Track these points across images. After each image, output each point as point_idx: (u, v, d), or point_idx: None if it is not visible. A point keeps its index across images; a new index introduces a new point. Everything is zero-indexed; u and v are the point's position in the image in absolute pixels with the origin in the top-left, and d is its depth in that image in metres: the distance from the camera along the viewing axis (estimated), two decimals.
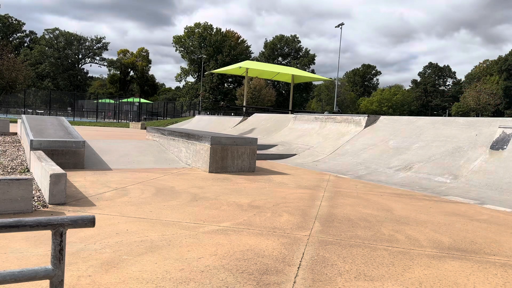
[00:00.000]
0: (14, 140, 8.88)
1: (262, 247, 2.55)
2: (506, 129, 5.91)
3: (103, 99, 47.45)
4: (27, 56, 64.87)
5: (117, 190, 4.14)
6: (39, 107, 43.91)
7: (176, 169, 6.05)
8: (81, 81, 72.64)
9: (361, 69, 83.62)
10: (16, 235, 2.50)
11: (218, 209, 3.57)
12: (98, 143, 7.36)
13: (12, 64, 31.46)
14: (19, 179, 3.04)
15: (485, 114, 54.65)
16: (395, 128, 8.14)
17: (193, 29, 67.85)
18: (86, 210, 3.25)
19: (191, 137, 6.49)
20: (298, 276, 2.11)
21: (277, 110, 23.76)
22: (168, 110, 39.26)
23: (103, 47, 74.95)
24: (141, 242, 2.52)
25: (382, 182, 5.68)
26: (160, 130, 8.30)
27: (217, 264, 2.22)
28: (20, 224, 1.15)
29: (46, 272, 1.19)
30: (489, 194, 4.80)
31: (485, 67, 68.42)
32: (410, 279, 2.15)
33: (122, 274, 2.01)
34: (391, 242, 2.82)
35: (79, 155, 5.57)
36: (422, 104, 75.98)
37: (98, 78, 79.43)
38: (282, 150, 8.90)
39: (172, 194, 4.09)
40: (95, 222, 1.29)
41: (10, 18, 69.10)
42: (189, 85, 68.63)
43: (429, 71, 79.68)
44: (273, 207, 3.75)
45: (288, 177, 5.81)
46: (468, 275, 2.26)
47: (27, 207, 3.05)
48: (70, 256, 2.20)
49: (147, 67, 76.48)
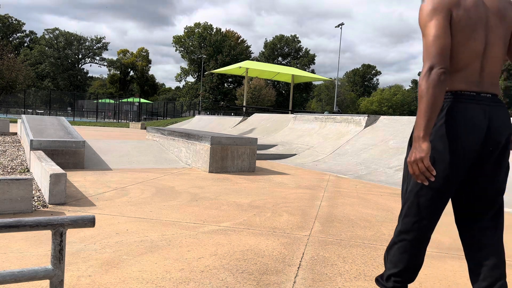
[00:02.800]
0: (14, 140, 8.88)
1: (262, 247, 2.55)
2: None
3: (103, 99, 47.44)
4: (27, 56, 64.88)
5: (117, 190, 4.14)
6: (39, 107, 43.93)
7: (176, 169, 6.05)
8: (81, 81, 72.63)
9: (361, 69, 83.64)
10: (16, 235, 2.50)
11: (218, 209, 3.57)
12: (98, 143, 7.37)
13: (12, 64, 31.45)
14: (19, 179, 3.04)
15: None
16: (395, 128, 8.14)
17: (193, 29, 67.85)
18: (86, 210, 3.24)
19: (191, 137, 6.50)
20: (298, 276, 2.11)
21: (277, 110, 23.77)
22: (168, 110, 39.27)
23: (103, 47, 74.96)
24: (141, 242, 2.52)
25: (382, 182, 5.68)
26: (160, 130, 8.30)
27: (217, 264, 2.22)
28: (20, 224, 1.15)
29: (46, 272, 1.19)
30: None
31: None
32: None
33: (122, 274, 2.01)
34: None
35: (79, 155, 5.57)
36: None
37: (98, 78, 79.45)
38: (282, 150, 8.90)
39: (172, 194, 4.09)
40: (95, 222, 1.29)
41: (10, 18, 69.09)
42: (189, 85, 68.64)
43: None
44: (273, 207, 3.75)
45: (288, 177, 5.81)
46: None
47: (27, 207, 3.05)
48: (70, 256, 2.20)
49: (147, 67, 76.48)
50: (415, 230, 1.46)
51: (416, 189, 1.45)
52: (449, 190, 1.42)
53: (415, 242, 1.47)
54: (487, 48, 1.38)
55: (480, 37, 1.37)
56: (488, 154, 1.39)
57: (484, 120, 1.36)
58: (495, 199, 1.44)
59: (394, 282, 1.53)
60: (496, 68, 1.41)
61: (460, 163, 1.38)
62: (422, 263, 1.53)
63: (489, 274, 1.40)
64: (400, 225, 1.52)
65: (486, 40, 1.38)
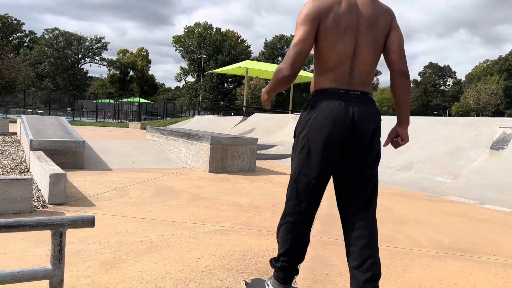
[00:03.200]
0: (14, 140, 8.88)
1: (262, 247, 2.55)
2: (506, 129, 5.91)
3: (103, 99, 47.38)
4: (27, 56, 64.87)
5: (117, 190, 4.14)
6: (38, 107, 43.87)
7: (176, 169, 6.05)
8: (81, 81, 72.60)
9: None
10: (16, 235, 2.50)
11: (218, 209, 3.56)
12: (97, 143, 7.36)
13: (11, 64, 31.45)
14: (19, 179, 3.04)
15: (486, 114, 54.68)
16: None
17: (192, 29, 67.83)
18: (85, 210, 3.24)
19: (191, 137, 6.49)
20: (298, 276, 2.11)
21: (277, 110, 23.74)
22: (168, 110, 39.24)
23: (102, 47, 74.95)
24: (141, 242, 2.52)
25: (382, 182, 5.68)
26: (160, 130, 8.29)
27: (217, 264, 2.21)
28: (20, 224, 1.14)
29: (45, 272, 1.19)
30: (489, 194, 4.80)
31: (486, 67, 68.42)
32: (410, 279, 2.15)
33: (121, 274, 2.01)
34: (391, 242, 2.82)
35: (79, 155, 5.57)
36: (423, 104, 76.00)
37: (98, 78, 79.37)
38: (282, 150, 8.89)
39: (172, 194, 4.09)
40: (94, 222, 1.28)
41: (9, 18, 69.08)
42: (189, 85, 68.60)
43: (429, 71, 79.69)
44: (273, 207, 3.75)
45: (288, 177, 5.80)
46: (468, 275, 2.26)
47: (26, 207, 3.05)
48: (70, 256, 2.19)
49: (147, 67, 76.44)
50: (296, 213, 1.63)
51: (295, 176, 1.64)
52: (322, 176, 1.59)
53: (297, 223, 1.63)
54: (356, 51, 1.54)
55: (349, 41, 1.53)
56: (357, 145, 1.55)
57: (349, 115, 1.53)
58: (365, 184, 1.61)
59: (282, 262, 1.69)
60: (365, 69, 1.57)
61: (330, 151, 1.55)
62: (306, 243, 1.70)
63: (360, 253, 1.54)
64: (284, 208, 1.69)
65: (356, 44, 1.54)
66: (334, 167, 1.60)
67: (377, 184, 1.66)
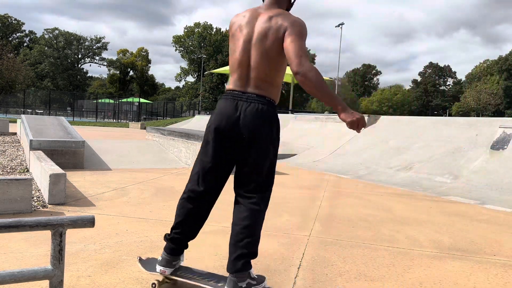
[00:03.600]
0: (14, 140, 8.87)
1: (262, 247, 2.54)
2: (506, 129, 5.91)
3: (103, 99, 47.35)
4: (27, 56, 64.82)
5: (117, 190, 4.14)
6: (38, 107, 43.87)
7: (176, 169, 6.05)
8: (81, 81, 72.57)
9: (361, 69, 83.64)
10: (16, 235, 2.49)
11: (218, 209, 3.56)
12: (97, 143, 7.36)
13: (11, 64, 31.46)
14: (19, 179, 3.04)
15: (486, 114, 54.68)
16: (396, 128, 8.14)
17: (192, 28, 67.80)
18: (85, 210, 3.24)
19: (191, 137, 6.49)
20: (298, 276, 2.11)
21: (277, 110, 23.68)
22: (167, 110, 39.22)
23: (102, 47, 74.91)
24: (141, 242, 2.52)
25: (383, 182, 5.67)
26: (159, 130, 8.29)
27: (217, 265, 2.21)
28: (20, 224, 1.14)
29: (45, 272, 1.19)
30: (490, 194, 4.80)
31: (486, 67, 68.43)
32: (411, 279, 2.15)
33: (121, 274, 2.00)
34: (391, 242, 2.82)
35: (79, 155, 5.56)
36: (423, 104, 75.97)
37: (98, 78, 79.33)
38: (282, 150, 8.89)
39: (172, 194, 4.09)
40: (94, 222, 1.28)
41: (9, 18, 69.06)
42: (189, 85, 68.57)
43: (429, 71, 79.68)
44: (273, 207, 3.75)
45: (288, 177, 5.80)
46: (469, 275, 2.25)
47: (26, 207, 3.05)
48: (70, 256, 2.19)
49: (147, 67, 76.40)
50: (190, 191, 1.89)
51: (196, 161, 1.91)
52: (216, 162, 1.83)
53: (190, 200, 1.88)
54: (251, 59, 1.79)
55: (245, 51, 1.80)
56: (243, 140, 1.76)
57: (236, 112, 1.76)
58: (249, 178, 1.84)
59: (174, 234, 1.87)
60: (259, 75, 1.79)
61: (222, 142, 1.79)
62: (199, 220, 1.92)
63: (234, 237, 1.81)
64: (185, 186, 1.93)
65: (249, 54, 1.79)
66: (230, 157, 1.83)
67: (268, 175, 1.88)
